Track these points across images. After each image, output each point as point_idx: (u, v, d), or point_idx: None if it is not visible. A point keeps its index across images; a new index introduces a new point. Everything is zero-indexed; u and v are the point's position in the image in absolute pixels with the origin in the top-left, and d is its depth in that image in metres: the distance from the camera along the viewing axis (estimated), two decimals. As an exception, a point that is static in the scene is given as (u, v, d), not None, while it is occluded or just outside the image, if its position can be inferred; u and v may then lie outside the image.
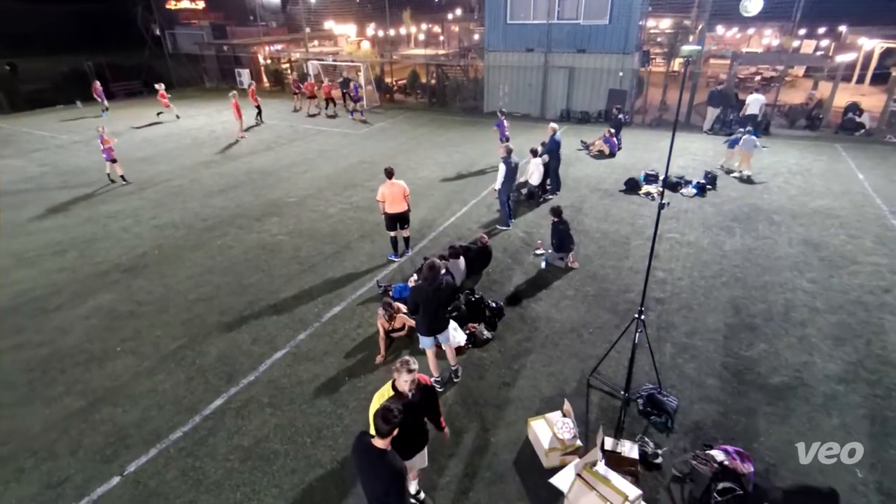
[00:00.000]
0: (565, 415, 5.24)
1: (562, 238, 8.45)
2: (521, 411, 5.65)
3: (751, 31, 35.62)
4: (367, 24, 38.30)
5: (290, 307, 7.68)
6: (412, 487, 4.60)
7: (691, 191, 11.77)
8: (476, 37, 35.41)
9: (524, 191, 11.81)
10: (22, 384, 6.22)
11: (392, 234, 8.80)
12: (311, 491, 4.79)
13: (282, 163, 15.03)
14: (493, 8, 19.85)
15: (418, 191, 11.99)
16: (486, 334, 6.83)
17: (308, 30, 30.45)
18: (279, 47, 32.05)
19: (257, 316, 7.48)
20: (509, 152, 9.80)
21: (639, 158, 14.65)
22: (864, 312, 7.27)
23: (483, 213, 11.12)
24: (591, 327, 7.09)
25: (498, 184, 9.93)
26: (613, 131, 15.24)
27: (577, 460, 4.60)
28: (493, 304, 7.24)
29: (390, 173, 8.48)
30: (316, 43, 34.27)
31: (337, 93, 22.45)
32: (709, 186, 12.01)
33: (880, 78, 22.76)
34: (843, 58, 20.63)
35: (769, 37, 34.48)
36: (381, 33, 35.62)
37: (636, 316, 5.32)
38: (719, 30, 34.96)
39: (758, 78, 26.05)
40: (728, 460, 4.66)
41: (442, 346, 5.93)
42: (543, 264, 8.73)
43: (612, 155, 15.02)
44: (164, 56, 30.65)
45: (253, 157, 15.77)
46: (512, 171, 9.90)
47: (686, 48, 5.01)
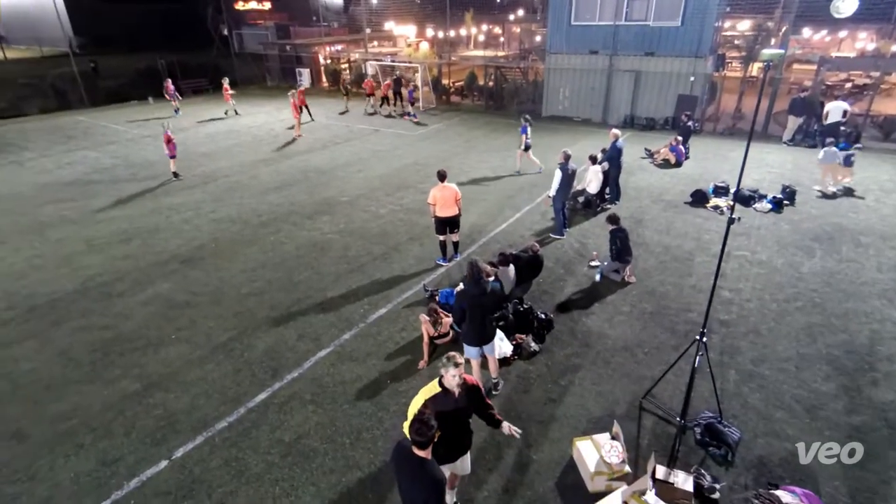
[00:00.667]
0: (614, 437, 4.97)
1: (621, 246, 8.07)
2: (566, 430, 5.40)
3: (842, 33, 33.05)
4: (427, 24, 38.64)
5: (337, 306, 7.72)
6: (450, 498, 4.47)
7: (766, 206, 10.97)
8: (538, 38, 34.91)
9: (581, 199, 11.40)
10: (86, 363, 6.56)
11: (441, 238, 8.69)
12: (347, 493, 4.74)
13: (336, 162, 15.31)
14: (556, 9, 19.42)
15: (470, 195, 11.85)
16: (534, 347, 6.58)
17: (368, 30, 31.06)
18: (339, 47, 32.86)
19: (304, 313, 7.57)
20: (567, 158, 9.46)
21: (707, 169, 13.87)
22: (965, 350, 6.47)
23: (536, 220, 10.82)
24: (646, 347, 6.69)
25: (553, 190, 9.60)
26: (681, 139, 14.52)
27: (624, 487, 4.38)
28: (543, 316, 6.98)
29: (443, 176, 8.38)
30: (375, 43, 34.95)
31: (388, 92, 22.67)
32: (786, 202, 11.14)
33: None
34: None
35: (864, 40, 31.91)
36: (441, 34, 35.81)
37: (697, 338, 4.98)
38: (805, 32, 32.62)
39: (848, 85, 23.99)
40: (795, 503, 4.21)
41: (486, 356, 5.75)
42: (598, 277, 8.36)
43: (678, 164, 14.30)
44: (231, 55, 32.14)
45: (309, 155, 16.16)
46: (568, 177, 9.55)
47: (766, 52, 4.66)
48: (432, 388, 3.85)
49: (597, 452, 4.81)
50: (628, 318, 7.33)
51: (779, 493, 4.38)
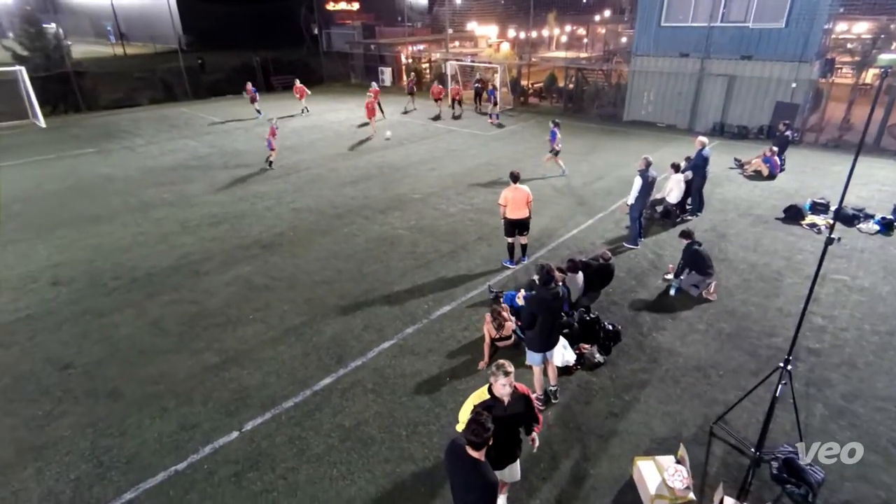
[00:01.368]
0: (679, 461, 4.71)
1: (698, 260, 7.61)
2: (627, 447, 5.18)
3: None
4: (510, 25, 38.45)
5: (402, 300, 7.89)
6: (501, 502, 4.43)
7: (873, 227, 9.92)
8: (623, 40, 33.72)
9: (659, 208, 10.87)
10: (174, 334, 7.16)
11: (510, 239, 8.63)
12: (400, 483, 4.84)
13: (411, 159, 15.62)
14: (646, 9, 18.63)
15: (542, 198, 11.66)
16: (598, 358, 6.37)
17: (450, 30, 31.37)
18: (421, 47, 33.47)
19: (371, 304, 7.80)
20: (648, 165, 9.04)
21: (805, 183, 12.76)
22: None
23: (609, 228, 10.46)
24: (721, 369, 6.27)
25: (631, 198, 9.21)
26: (777, 150, 13.43)
27: (687, 516, 4.10)
28: (610, 327, 6.73)
29: (516, 177, 8.31)
30: (456, 44, 35.23)
31: (467, 94, 22.60)
32: (897, 223, 10.03)
33: None
34: None
35: None
36: (523, 35, 35.49)
37: (781, 365, 4.59)
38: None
39: None
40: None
41: (546, 362, 5.64)
42: (673, 291, 7.93)
43: (771, 177, 13.25)
44: (319, 53, 33.66)
45: (385, 151, 16.61)
46: (648, 185, 9.13)
47: (885, 56, 4.22)
48: (481, 395, 3.85)
49: (659, 475, 4.58)
50: (703, 337, 6.90)
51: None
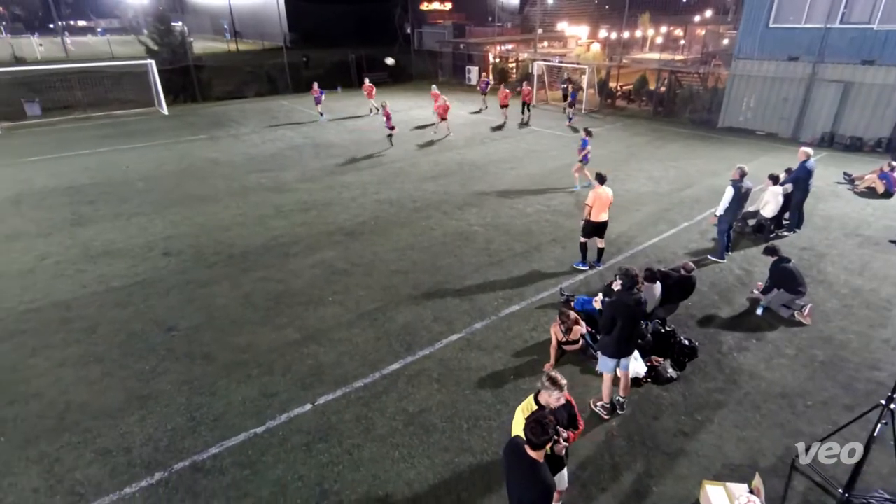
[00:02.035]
0: (753, 491, 4.44)
1: (788, 277, 7.06)
2: (695, 469, 4.95)
3: None
4: (601, 25, 37.28)
5: (473, 295, 8.01)
6: (555, 507, 4.41)
7: None
8: (725, 42, 31.55)
9: (752, 222, 10.16)
10: (262, 309, 7.78)
11: (585, 240, 8.50)
12: (458, 474, 4.96)
13: (491, 158, 15.70)
14: (753, 8, 17.38)
15: (622, 203, 11.31)
16: (671, 373, 6.12)
17: (540, 31, 30.99)
18: (509, 47, 33.36)
19: (442, 296, 8.00)
20: (742, 175, 8.49)
21: (928, 204, 11.37)
22: None
23: (694, 238, 9.94)
24: (810, 399, 5.80)
25: (721, 209, 8.69)
26: (896, 165, 12.09)
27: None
28: (686, 342, 6.44)
29: (603, 178, 8.20)
30: (545, 44, 34.73)
31: (552, 94, 22.13)
32: None
33: None
34: None
35: None
36: (614, 35, 34.29)
37: (883, 402, 4.19)
38: None
39: None
40: None
41: (618, 372, 5.51)
42: (760, 310, 7.42)
43: (887, 195, 11.94)
44: (410, 52, 34.56)
45: (466, 149, 16.81)
46: (741, 197, 8.58)
47: None
48: (529, 405, 3.85)
49: (729, 502, 4.35)
50: (791, 363, 6.40)
51: None
